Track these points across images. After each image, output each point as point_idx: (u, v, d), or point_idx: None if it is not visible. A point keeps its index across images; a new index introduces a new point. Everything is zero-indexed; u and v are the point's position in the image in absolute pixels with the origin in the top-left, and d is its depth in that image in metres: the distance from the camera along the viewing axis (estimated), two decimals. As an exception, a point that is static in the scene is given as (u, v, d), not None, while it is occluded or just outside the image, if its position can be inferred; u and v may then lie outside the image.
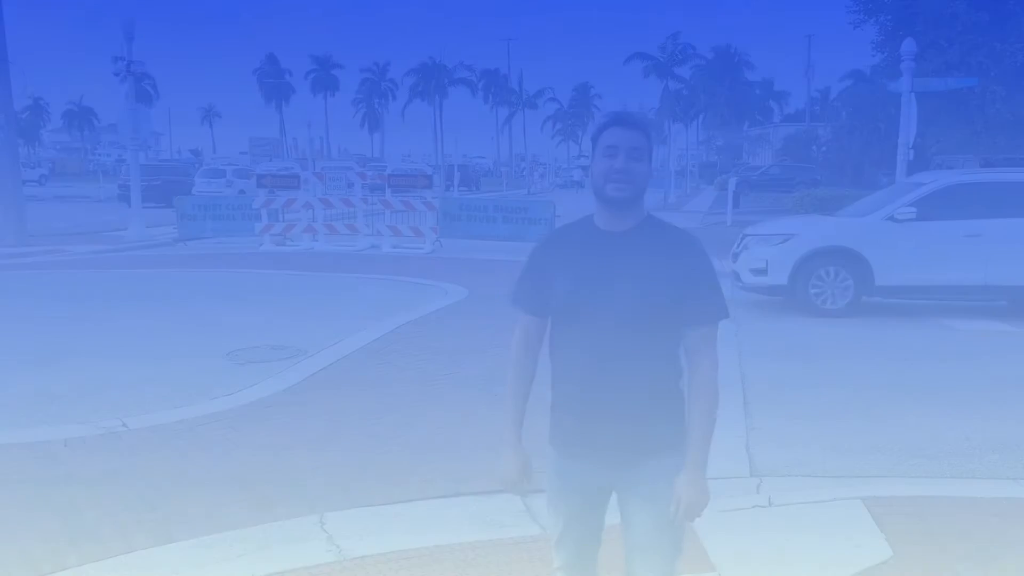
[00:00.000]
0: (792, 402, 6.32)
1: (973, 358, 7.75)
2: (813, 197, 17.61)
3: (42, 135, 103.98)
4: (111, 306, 10.07)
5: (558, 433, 2.44)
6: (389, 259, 15.55)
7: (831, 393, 6.55)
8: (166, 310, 9.87)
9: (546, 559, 2.86)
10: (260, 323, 9.08)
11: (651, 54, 51.98)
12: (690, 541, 2.84)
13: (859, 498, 4.30)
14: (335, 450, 5.13)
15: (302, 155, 39.51)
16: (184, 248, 17.85)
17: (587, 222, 2.43)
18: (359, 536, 3.96)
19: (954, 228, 9.29)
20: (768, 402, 6.26)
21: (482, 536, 3.96)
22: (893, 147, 13.73)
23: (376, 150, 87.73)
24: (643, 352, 2.33)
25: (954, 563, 3.69)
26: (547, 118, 76.92)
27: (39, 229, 20.38)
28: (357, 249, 16.84)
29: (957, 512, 4.17)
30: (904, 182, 11.90)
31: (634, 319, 2.31)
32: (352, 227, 17.42)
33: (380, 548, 3.82)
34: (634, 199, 2.32)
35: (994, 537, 3.91)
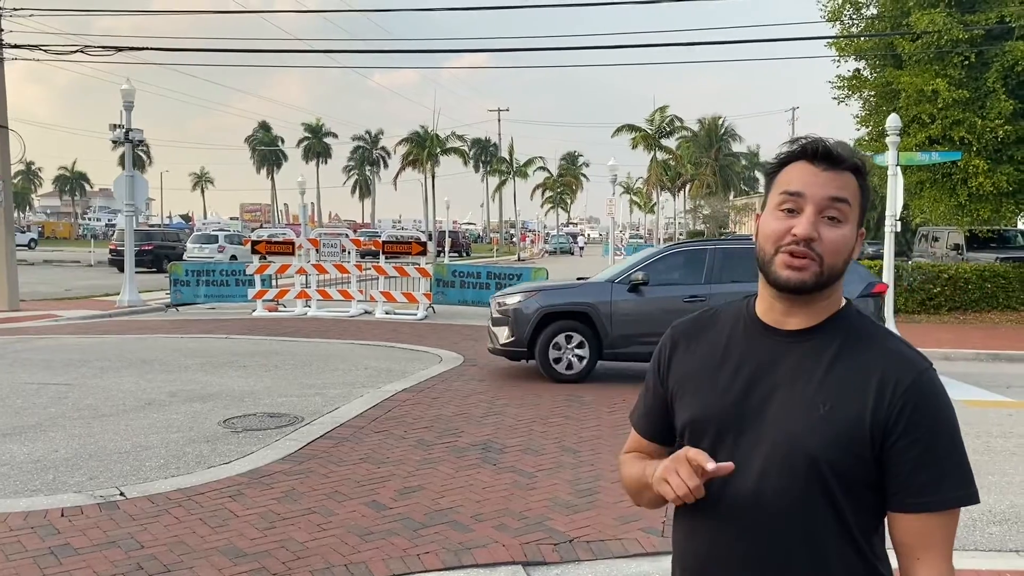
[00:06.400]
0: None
1: (973, 427, 7.77)
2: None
3: (31, 199, 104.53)
4: (105, 372, 10.02)
5: None
6: (382, 325, 15.57)
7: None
8: (160, 376, 9.82)
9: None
10: (255, 390, 9.04)
11: (639, 125, 52.95)
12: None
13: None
14: (333, 520, 5.07)
15: (294, 221, 39.84)
16: (177, 314, 17.83)
17: (745, 308, 1.54)
18: (362, 610, 3.90)
19: None
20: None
21: (487, 610, 3.90)
22: (882, 218, 13.99)
23: (367, 216, 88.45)
24: (808, 551, 1.37)
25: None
26: (536, 186, 78.01)
27: (30, 293, 20.33)
28: (350, 315, 16.88)
29: (963, 586, 4.14)
30: None
31: (792, 485, 1.37)
32: (345, 293, 17.49)
33: (384, 622, 3.76)
34: (819, 285, 1.41)
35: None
